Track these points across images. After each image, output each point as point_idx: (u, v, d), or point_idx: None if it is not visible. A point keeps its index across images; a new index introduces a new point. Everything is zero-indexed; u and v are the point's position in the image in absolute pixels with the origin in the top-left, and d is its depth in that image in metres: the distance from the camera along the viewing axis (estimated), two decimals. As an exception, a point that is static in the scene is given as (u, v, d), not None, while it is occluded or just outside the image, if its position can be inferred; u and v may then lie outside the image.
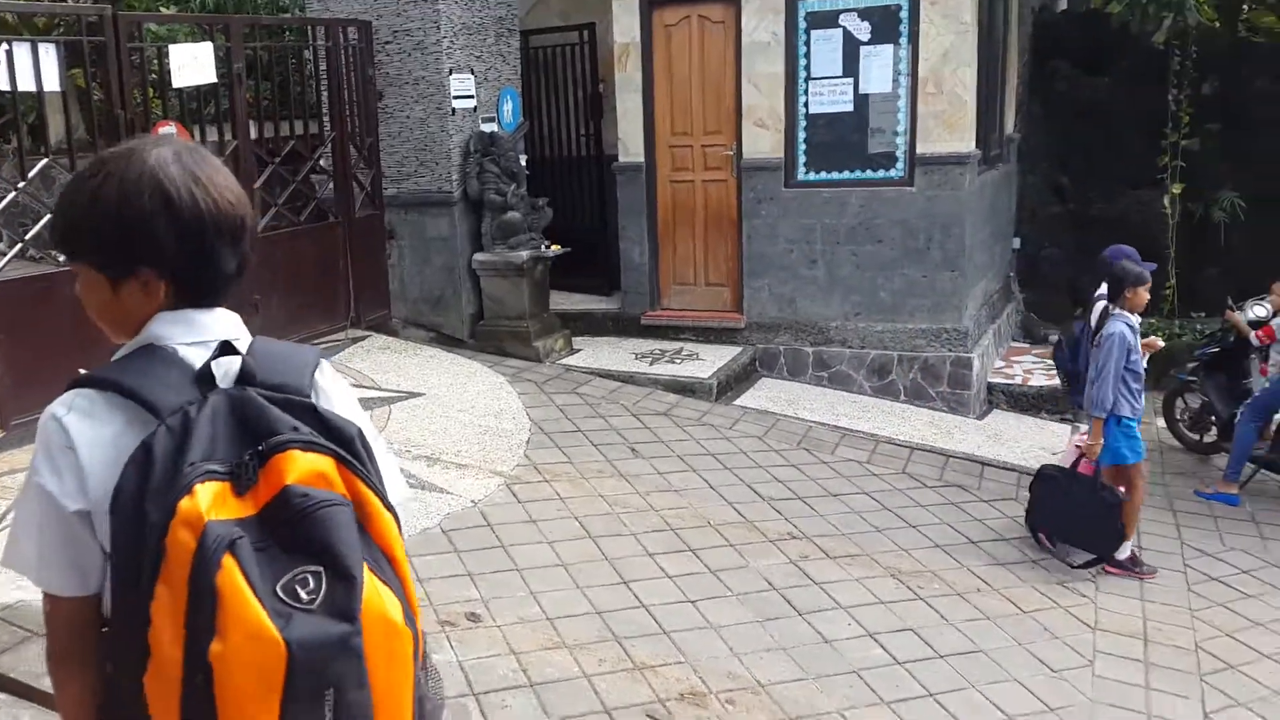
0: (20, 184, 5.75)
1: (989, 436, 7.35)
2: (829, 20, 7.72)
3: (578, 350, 8.13)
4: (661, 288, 8.53)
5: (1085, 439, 5.57)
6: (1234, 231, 9.17)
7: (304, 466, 1.31)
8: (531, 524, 5.29)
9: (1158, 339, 6.13)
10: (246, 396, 1.36)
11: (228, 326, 1.49)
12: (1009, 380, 8.12)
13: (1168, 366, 7.92)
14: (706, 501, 5.78)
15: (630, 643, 4.38)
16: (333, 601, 1.26)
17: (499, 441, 6.19)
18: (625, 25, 8.20)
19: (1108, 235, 9.54)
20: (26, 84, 5.69)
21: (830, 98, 7.82)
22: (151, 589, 1.25)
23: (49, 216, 5.39)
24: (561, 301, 8.74)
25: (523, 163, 8.35)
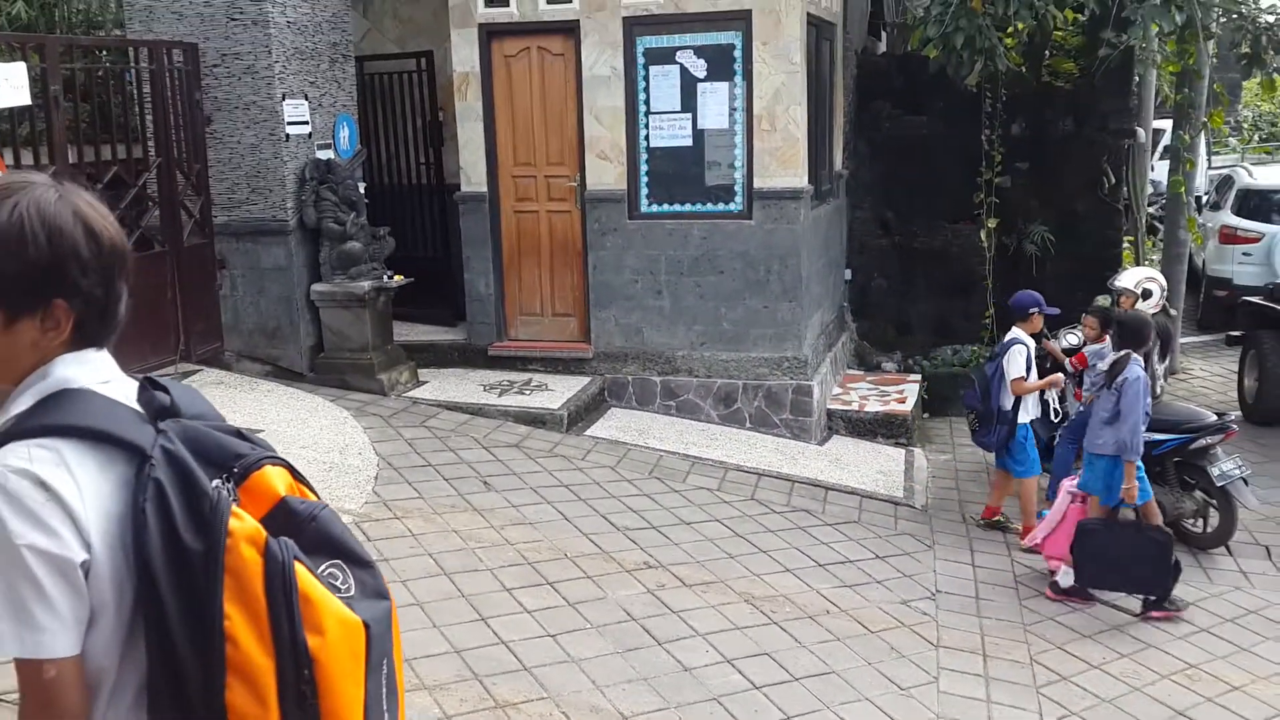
0: None
1: (831, 461, 7.59)
2: (666, 56, 7.88)
3: (424, 383, 7.98)
4: (508, 318, 8.48)
5: (1075, 484, 5.91)
6: (1045, 263, 9.79)
7: (283, 480, 1.43)
8: (384, 562, 5.14)
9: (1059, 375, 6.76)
10: (192, 426, 1.40)
11: (115, 367, 1.47)
12: (846, 406, 8.42)
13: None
14: (562, 533, 5.76)
15: (491, 680, 4.31)
16: (365, 585, 1.43)
17: (345, 479, 6.00)
18: (464, 55, 8.15)
19: (931, 267, 10.09)
20: None
21: (670, 132, 7.97)
22: (220, 609, 1.31)
23: None
24: (406, 333, 8.57)
25: (361, 190, 8.18)
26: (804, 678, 4.65)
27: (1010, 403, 6.45)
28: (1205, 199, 13.48)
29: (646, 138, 7.98)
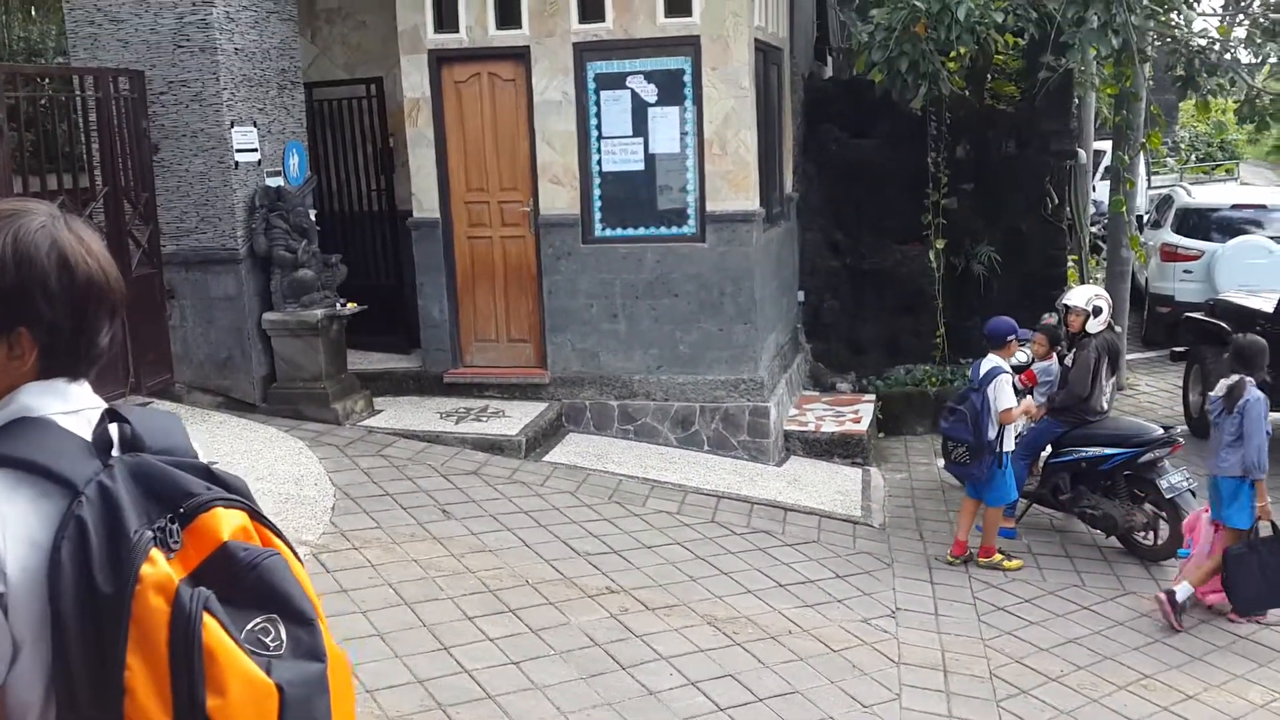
0: None
1: (789, 482, 7.62)
2: (617, 81, 7.93)
3: (380, 411, 7.91)
4: (463, 345, 8.44)
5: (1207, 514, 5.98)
6: (992, 282, 9.96)
7: (232, 523, 1.33)
8: (343, 594, 5.08)
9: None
10: (145, 462, 1.34)
11: (92, 399, 1.44)
12: (803, 428, 8.47)
13: (943, 408, 8.46)
14: (523, 560, 5.73)
15: (455, 710, 4.27)
16: (299, 644, 1.32)
17: (302, 510, 5.93)
18: (414, 81, 8.14)
19: (882, 287, 10.20)
20: None
21: (622, 156, 8.00)
22: (123, 660, 1.24)
23: None
24: (359, 361, 8.49)
25: (312, 217, 8.11)
26: (768, 698, 4.66)
27: (994, 433, 6.43)
28: (1146, 218, 13.79)
29: (599, 162, 8.01)
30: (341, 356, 7.96)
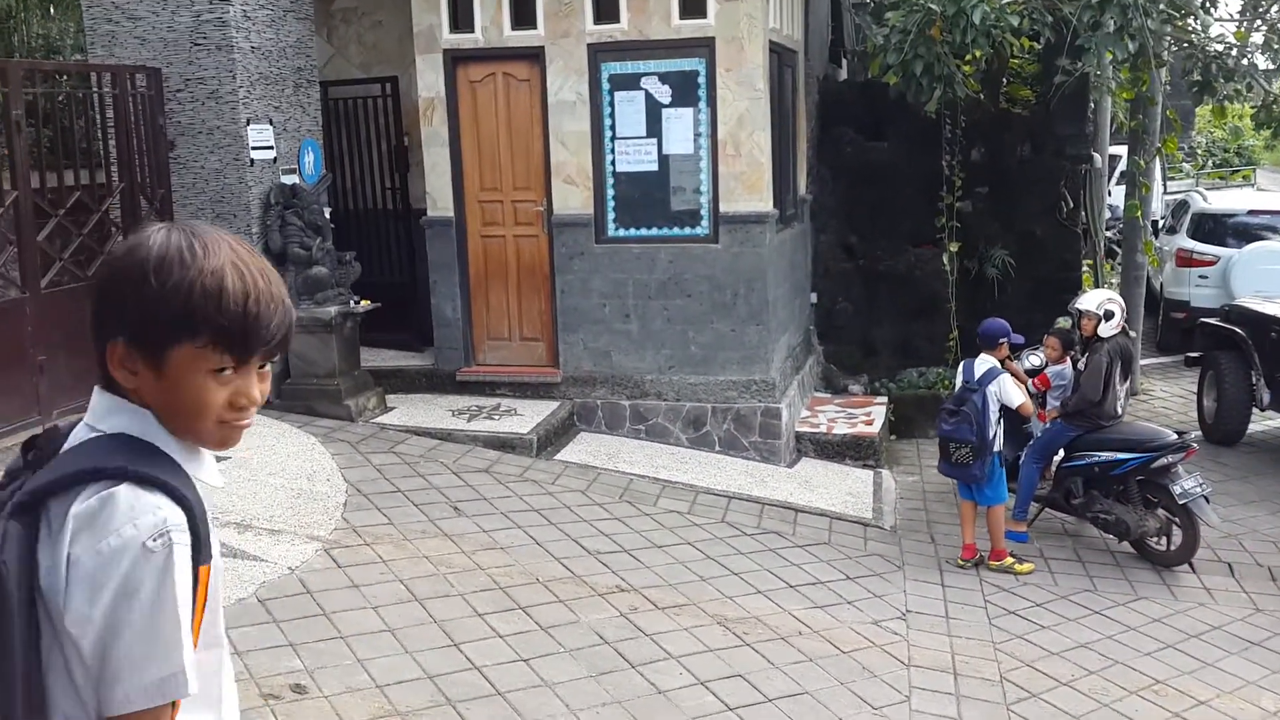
0: None
1: (800, 484, 7.61)
2: (631, 82, 7.93)
3: (392, 408, 7.93)
4: (476, 343, 8.45)
5: None
6: (1006, 286, 9.93)
7: None
8: (354, 589, 5.10)
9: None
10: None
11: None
12: (815, 429, 8.46)
13: (940, 411, 8.42)
14: (533, 558, 5.73)
15: (464, 706, 4.28)
16: None
17: (314, 505, 5.95)
18: (429, 80, 8.17)
19: (895, 290, 10.19)
20: None
21: (636, 157, 8.01)
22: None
23: None
24: (372, 358, 8.52)
25: (327, 215, 8.14)
26: (777, 698, 4.65)
27: (993, 432, 6.40)
28: (1161, 223, 13.74)
29: (613, 163, 8.02)
30: (355, 353, 7.98)
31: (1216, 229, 12.33)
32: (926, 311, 10.05)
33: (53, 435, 1.51)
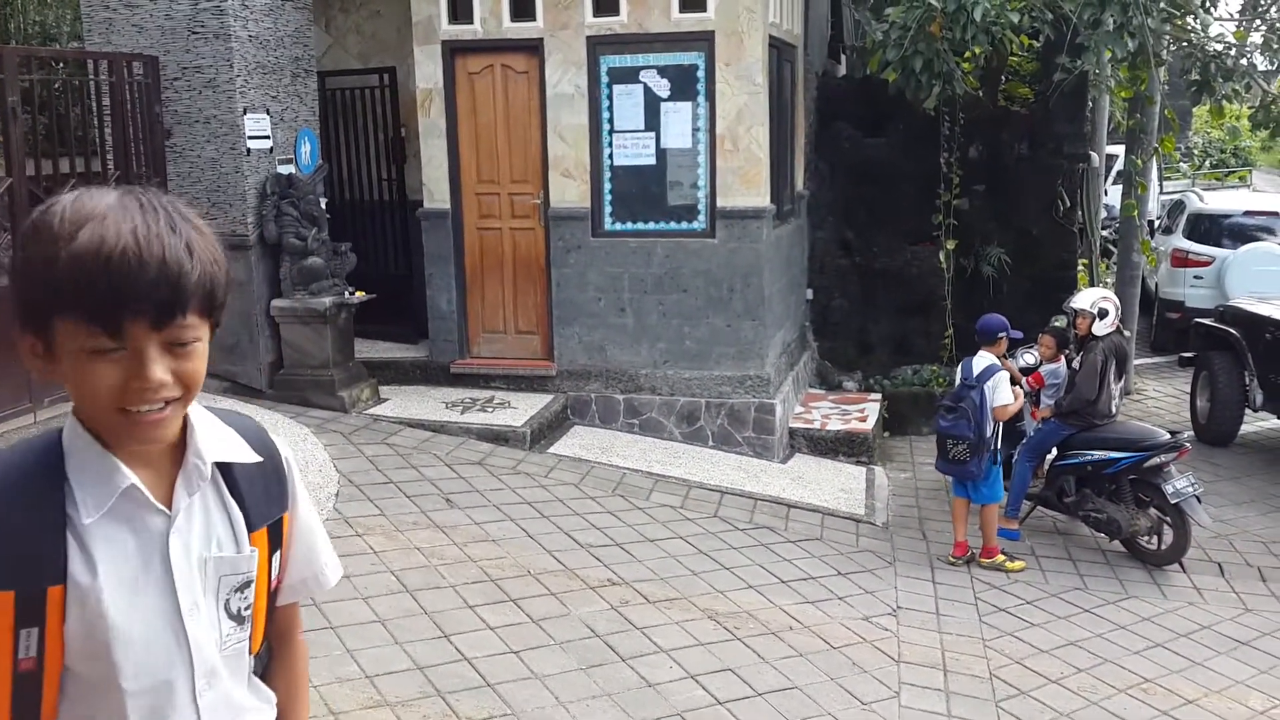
0: None
1: (793, 479, 7.62)
2: (630, 76, 7.92)
3: (385, 400, 7.93)
4: (470, 335, 8.45)
5: None
6: (1002, 284, 9.93)
7: None
8: (345, 579, 5.08)
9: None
10: None
11: None
12: (809, 425, 8.46)
13: (938, 407, 8.43)
14: (525, 550, 5.74)
15: (454, 697, 4.28)
16: None
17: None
18: (427, 71, 8.15)
19: (891, 287, 10.18)
20: None
21: (634, 150, 8.00)
22: None
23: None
24: (366, 349, 8.51)
25: (323, 206, 8.13)
26: (767, 693, 4.66)
27: (991, 429, 6.41)
28: (1157, 223, 13.75)
29: (610, 156, 8.01)
30: (349, 344, 7.97)
31: (1212, 229, 12.35)
32: (922, 309, 10.06)
33: None
